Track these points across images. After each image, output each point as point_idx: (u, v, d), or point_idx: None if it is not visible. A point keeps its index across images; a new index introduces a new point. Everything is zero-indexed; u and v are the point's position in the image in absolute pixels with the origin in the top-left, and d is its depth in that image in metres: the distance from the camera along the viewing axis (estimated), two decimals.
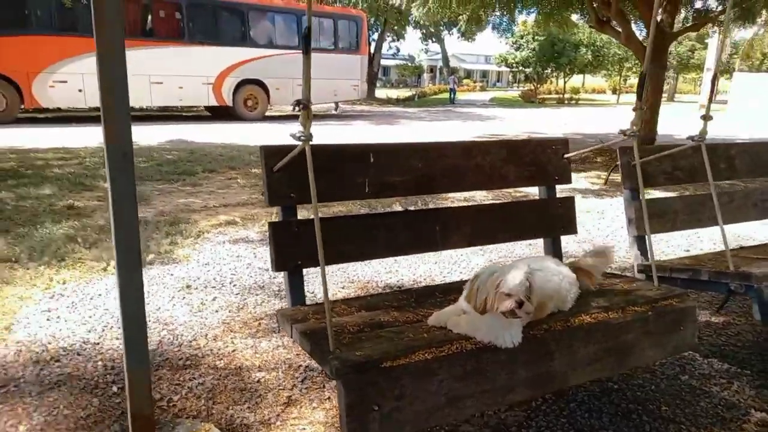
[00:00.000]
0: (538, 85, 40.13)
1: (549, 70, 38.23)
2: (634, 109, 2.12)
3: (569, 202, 2.50)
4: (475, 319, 1.66)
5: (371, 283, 3.41)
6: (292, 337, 1.77)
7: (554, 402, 2.19)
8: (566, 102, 36.84)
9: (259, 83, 16.19)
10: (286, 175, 1.90)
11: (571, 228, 2.50)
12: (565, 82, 40.46)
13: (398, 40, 37.81)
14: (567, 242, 4.43)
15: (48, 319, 2.77)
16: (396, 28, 32.24)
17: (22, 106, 13.02)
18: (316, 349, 1.57)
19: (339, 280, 3.44)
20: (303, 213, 1.99)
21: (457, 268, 3.61)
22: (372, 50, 31.01)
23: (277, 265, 1.90)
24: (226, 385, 2.25)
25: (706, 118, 2.31)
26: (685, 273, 2.41)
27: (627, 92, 40.79)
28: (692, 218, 2.78)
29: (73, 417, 1.97)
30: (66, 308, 2.91)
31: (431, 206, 4.81)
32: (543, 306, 1.76)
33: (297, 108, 1.57)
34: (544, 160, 2.43)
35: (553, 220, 2.46)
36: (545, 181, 2.46)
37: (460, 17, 11.10)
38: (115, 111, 1.29)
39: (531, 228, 2.43)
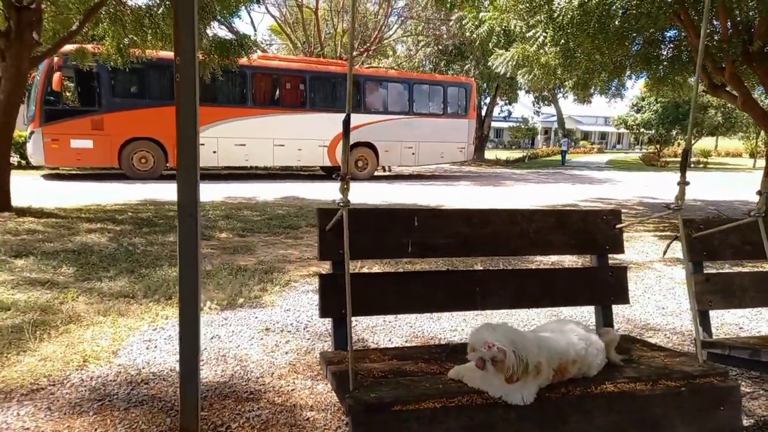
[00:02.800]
0: (662, 148, 38.02)
1: (674, 132, 36.18)
2: (678, 183, 2.16)
3: (621, 271, 2.50)
4: (489, 375, 1.76)
5: (435, 338, 3.53)
6: (326, 377, 1.98)
7: None
8: (692, 166, 34.41)
9: (369, 145, 17.18)
10: (335, 234, 2.17)
11: (622, 297, 2.49)
12: (691, 145, 37.88)
13: (510, 103, 38.13)
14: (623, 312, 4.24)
15: (147, 348, 3.22)
16: (508, 92, 32.64)
17: (167, 165, 14.91)
18: (340, 388, 1.76)
19: (404, 333, 3.60)
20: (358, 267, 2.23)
21: None
22: (483, 113, 31.57)
23: (323, 311, 2.14)
24: (279, 419, 2.49)
25: (760, 193, 2.25)
26: (744, 352, 2.29)
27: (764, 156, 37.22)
28: (763, 296, 2.63)
29: (148, 431, 2.31)
30: (164, 339, 3.36)
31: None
32: (564, 369, 1.82)
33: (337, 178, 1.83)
34: (593, 229, 2.49)
35: (603, 288, 2.48)
36: (595, 250, 2.50)
37: (566, 83, 11.14)
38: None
39: (579, 295, 2.47)
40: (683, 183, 2.15)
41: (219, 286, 4.50)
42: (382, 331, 3.65)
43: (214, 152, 14.86)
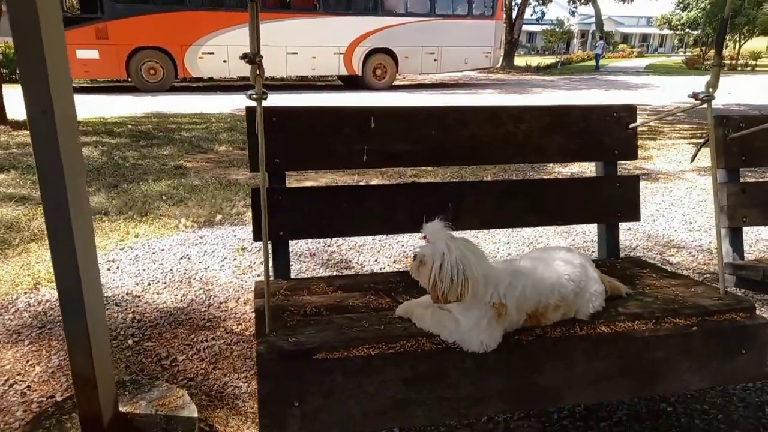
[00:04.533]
0: (708, 50, 35.23)
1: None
2: (712, 66, 1.65)
3: (631, 182, 2.05)
4: (443, 315, 1.40)
5: None
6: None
7: (582, 418, 1.84)
8: (740, 68, 31.96)
9: (387, 52, 16.17)
10: (273, 139, 1.76)
11: (631, 214, 2.06)
12: (740, 45, 35.04)
13: (544, 4, 35.42)
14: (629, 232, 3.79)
15: (108, 269, 2.97)
16: None
17: (178, 77, 14.36)
18: (258, 330, 1.43)
19: (393, 253, 3.27)
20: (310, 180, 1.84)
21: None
22: (514, 16, 29.45)
23: (256, 233, 1.78)
24: (233, 351, 2.22)
25: None
26: None
27: None
28: None
29: None
30: (128, 260, 3.10)
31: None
32: (542, 314, 1.44)
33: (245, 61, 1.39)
34: (600, 130, 2.01)
35: (609, 203, 2.04)
36: (601, 155, 2.04)
37: None
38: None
39: (577, 211, 2.04)
40: (718, 65, 1.64)
41: (201, 202, 4.20)
42: (370, 251, 3.32)
43: (225, 62, 14.20)
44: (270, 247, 1.80)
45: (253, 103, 1.43)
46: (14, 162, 5.33)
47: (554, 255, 1.54)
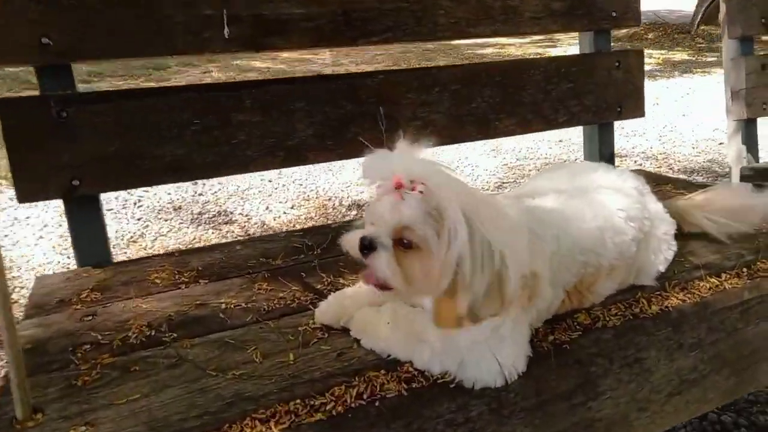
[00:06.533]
0: None
1: None
2: None
3: (634, 59, 1.40)
4: (414, 319, 0.68)
5: (333, 200, 2.44)
6: None
7: None
8: None
9: None
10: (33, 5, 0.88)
11: (635, 106, 1.43)
12: None
13: None
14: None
15: None
16: None
17: None
18: None
19: (290, 197, 2.48)
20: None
21: None
22: None
23: (23, 193, 0.93)
24: None
25: None
26: None
27: None
28: None
29: None
30: None
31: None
32: (589, 285, 0.76)
33: None
34: None
35: (605, 92, 1.39)
36: (592, 19, 1.36)
37: None
38: None
39: (558, 106, 1.36)
40: None
41: None
42: (258, 195, 2.51)
43: None
44: (64, 209, 0.97)
45: None
46: None
47: (589, 178, 0.85)
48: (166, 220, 2.23)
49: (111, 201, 2.40)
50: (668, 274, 0.88)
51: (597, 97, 1.38)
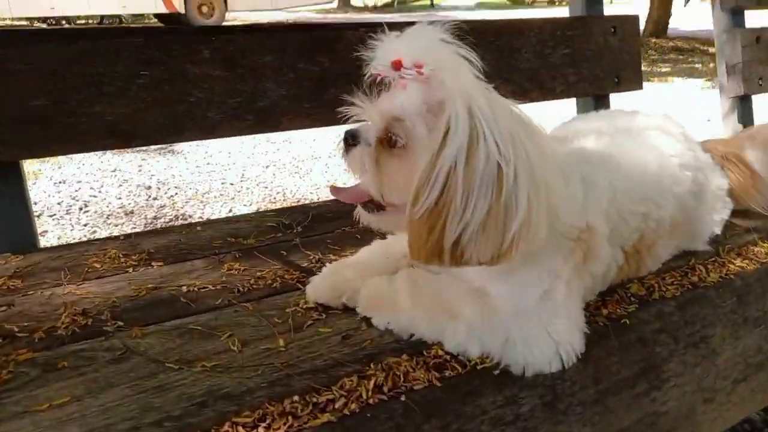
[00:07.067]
0: None
1: None
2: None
3: (632, 27, 1.30)
4: (445, 290, 0.52)
5: (302, 202, 2.26)
6: None
7: None
8: (558, 3, 34.24)
9: None
10: None
11: (633, 76, 1.33)
12: None
13: None
14: None
15: None
16: None
17: None
18: None
19: (255, 199, 2.28)
20: None
21: None
22: None
23: None
24: None
25: None
26: None
27: None
28: None
29: None
30: None
31: None
32: (652, 243, 0.62)
33: None
34: None
35: (600, 60, 1.28)
36: None
37: None
38: None
39: (549, 74, 1.24)
40: None
41: None
42: (219, 199, 2.30)
43: None
44: None
45: None
46: None
47: (631, 119, 0.72)
48: (116, 226, 2.00)
49: (53, 206, 2.15)
50: (717, 237, 0.76)
51: (594, 66, 1.27)
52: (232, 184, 2.46)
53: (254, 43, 0.89)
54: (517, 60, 1.17)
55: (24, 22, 13.26)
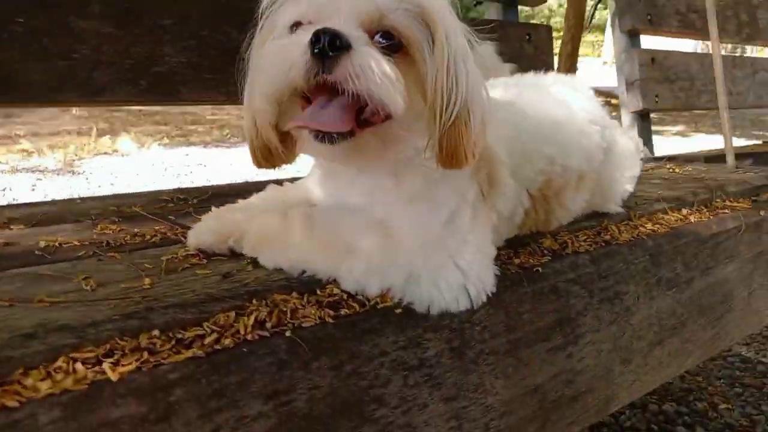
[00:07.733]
0: None
1: None
2: None
3: (545, 34, 1.35)
4: (331, 217, 0.46)
5: None
6: None
7: None
8: None
9: None
10: None
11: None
12: None
13: None
14: None
15: None
16: None
17: None
18: None
19: None
20: None
21: None
22: None
23: None
24: None
25: None
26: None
27: None
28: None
29: None
30: None
31: None
32: (557, 191, 0.59)
33: None
34: None
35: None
36: None
37: None
38: None
39: None
40: None
41: None
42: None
43: None
44: None
45: None
46: None
47: (542, 77, 0.71)
48: None
49: None
50: (629, 204, 0.75)
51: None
52: (138, 174, 2.30)
53: (153, 3, 0.82)
54: None
55: None
